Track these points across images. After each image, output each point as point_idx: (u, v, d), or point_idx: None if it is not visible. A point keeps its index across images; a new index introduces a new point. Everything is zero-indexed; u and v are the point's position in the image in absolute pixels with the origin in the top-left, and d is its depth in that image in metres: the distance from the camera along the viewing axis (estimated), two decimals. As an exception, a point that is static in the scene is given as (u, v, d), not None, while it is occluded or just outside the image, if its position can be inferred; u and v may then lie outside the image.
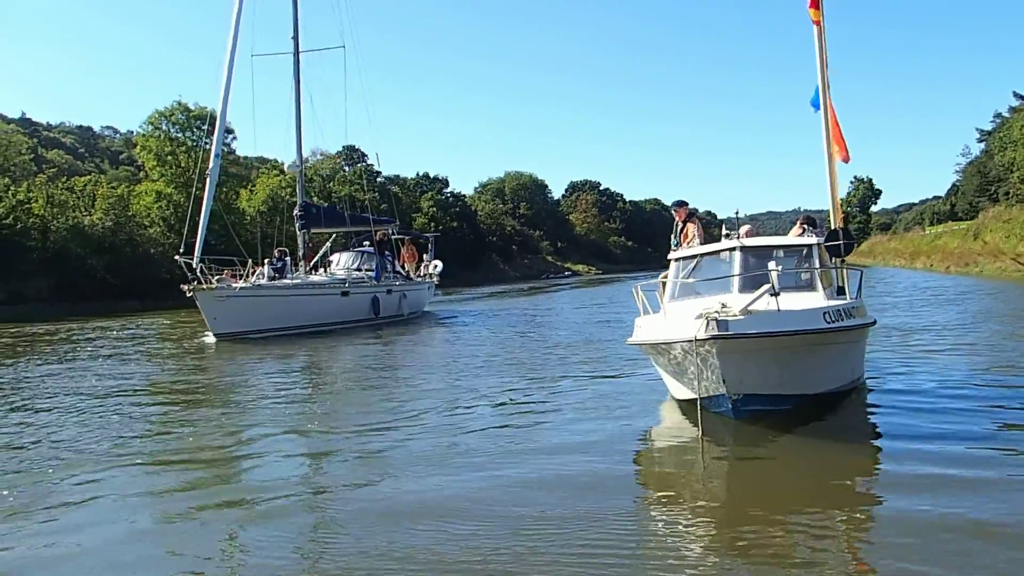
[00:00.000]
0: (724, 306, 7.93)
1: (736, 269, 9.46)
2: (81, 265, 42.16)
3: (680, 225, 11.51)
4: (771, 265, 8.27)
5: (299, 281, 25.15)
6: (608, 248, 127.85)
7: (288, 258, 26.85)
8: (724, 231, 10.45)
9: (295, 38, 28.04)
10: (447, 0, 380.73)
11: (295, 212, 28.99)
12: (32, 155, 69.26)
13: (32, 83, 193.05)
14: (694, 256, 10.21)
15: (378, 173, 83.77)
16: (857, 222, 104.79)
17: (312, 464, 8.32)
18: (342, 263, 29.06)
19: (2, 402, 12.26)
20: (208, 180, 23.35)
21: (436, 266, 33.37)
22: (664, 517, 6.23)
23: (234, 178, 60.88)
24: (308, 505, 6.73)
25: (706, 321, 7.69)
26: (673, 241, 11.40)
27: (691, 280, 9.93)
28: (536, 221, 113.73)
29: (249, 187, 63.65)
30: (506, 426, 9.36)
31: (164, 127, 55.75)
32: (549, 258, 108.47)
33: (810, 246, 9.92)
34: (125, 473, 7.81)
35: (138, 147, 58.90)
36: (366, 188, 75.83)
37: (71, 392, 12.99)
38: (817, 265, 9.65)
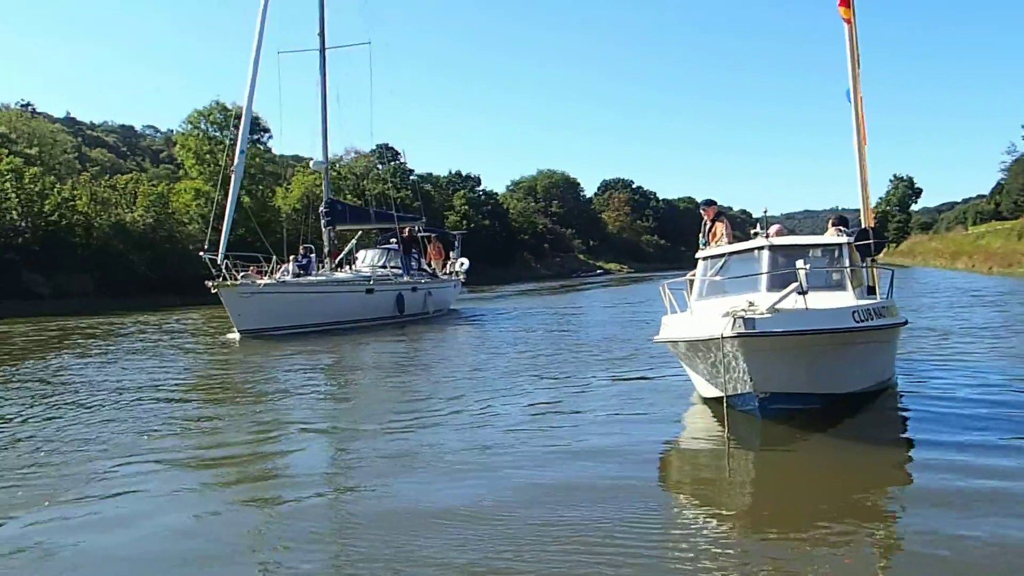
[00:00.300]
0: (751, 304, 7.95)
1: (764, 268, 9.45)
2: (123, 261, 43.11)
3: (708, 224, 11.55)
4: (799, 264, 8.28)
5: (324, 278, 25.16)
6: (640, 246, 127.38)
7: (313, 255, 26.94)
8: (754, 230, 10.46)
9: (321, 35, 28.16)
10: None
11: (321, 209, 29.22)
12: (76, 154, 70.81)
13: (77, 84, 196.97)
14: (722, 255, 10.23)
15: (411, 171, 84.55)
16: (896, 221, 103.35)
17: (338, 463, 8.32)
18: (368, 260, 29.06)
19: (29, 395, 12.52)
20: (233, 177, 23.46)
21: (462, 264, 33.25)
22: (688, 518, 6.24)
23: (270, 176, 61.71)
24: (333, 504, 6.75)
25: (733, 319, 7.72)
26: (701, 240, 11.45)
27: (719, 279, 9.95)
28: (568, 219, 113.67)
29: (284, 185, 64.39)
30: (532, 425, 9.37)
31: (203, 126, 56.83)
32: (581, 256, 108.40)
33: (840, 245, 9.88)
34: (142, 470, 7.78)
35: (177, 146, 60.05)
36: (399, 186, 76.88)
37: (89, 387, 13.08)
38: (847, 264, 9.64)
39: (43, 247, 40.01)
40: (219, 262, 21.67)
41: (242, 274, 22.32)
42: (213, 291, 21.30)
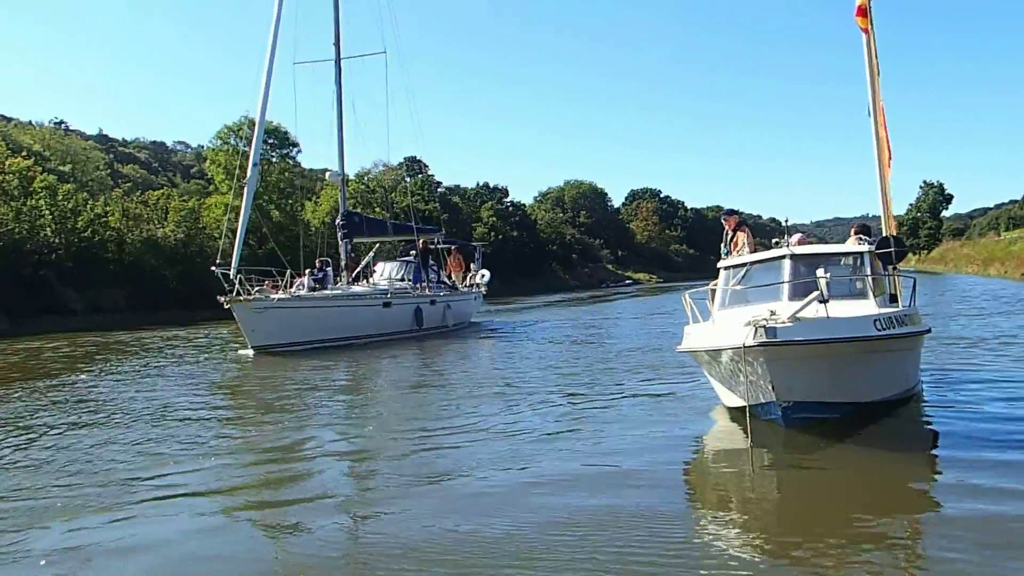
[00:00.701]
0: (773, 313, 7.92)
1: (786, 277, 9.43)
2: (155, 276, 43.73)
3: (731, 234, 11.59)
4: (820, 272, 8.25)
5: (340, 292, 24.78)
6: (669, 256, 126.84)
7: (329, 268, 26.40)
8: (775, 240, 10.44)
9: (336, 44, 28.00)
10: (505, 7, 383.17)
11: (337, 221, 28.75)
12: (108, 170, 72.18)
13: (109, 101, 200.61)
14: (744, 264, 10.24)
15: (439, 183, 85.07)
16: (927, 228, 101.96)
17: (358, 486, 8.14)
18: (386, 273, 28.62)
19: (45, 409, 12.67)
20: (246, 189, 23.07)
21: (483, 275, 32.62)
22: (710, 529, 6.21)
23: (299, 190, 62.38)
24: (353, 530, 6.62)
25: (754, 328, 7.70)
26: (723, 250, 11.50)
27: (740, 288, 9.93)
28: (596, 230, 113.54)
29: (314, 199, 65.07)
30: (554, 434, 9.40)
31: (232, 141, 57.52)
32: (609, 266, 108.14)
33: (861, 254, 9.86)
34: (159, 495, 7.64)
35: (208, 161, 60.92)
36: (427, 198, 77.40)
37: (100, 407, 12.95)
38: (868, 273, 9.56)
39: (76, 263, 40.70)
40: (232, 276, 21.24)
41: (257, 288, 21.93)
42: (226, 306, 20.86)
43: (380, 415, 12.04)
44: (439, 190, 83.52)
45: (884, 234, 9.98)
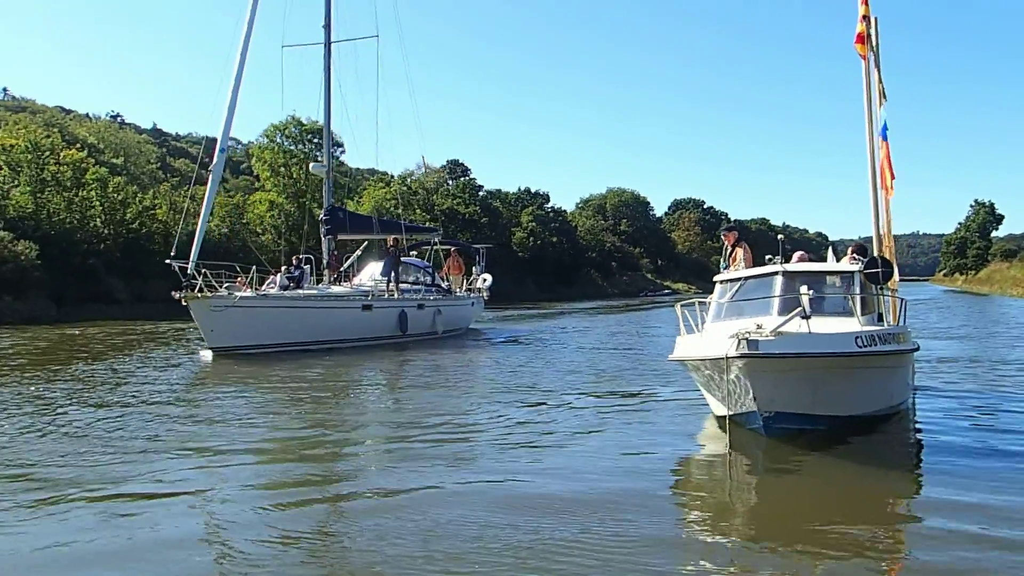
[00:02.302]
0: (759, 327, 8.22)
1: (777, 292, 9.72)
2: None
3: (729, 249, 11.92)
4: (803, 289, 8.58)
5: (315, 292, 23.02)
6: (710, 266, 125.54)
7: (307, 266, 24.47)
8: (768, 256, 10.70)
9: (326, 27, 26.48)
10: (556, 15, 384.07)
11: (320, 216, 27.12)
12: (159, 164, 74.15)
13: (164, 96, 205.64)
14: (738, 279, 10.56)
15: (480, 187, 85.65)
16: (976, 248, 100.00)
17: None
18: (371, 273, 26.47)
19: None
20: (211, 176, 21.54)
21: (485, 280, 30.87)
22: (684, 533, 6.40)
23: (342, 189, 63.49)
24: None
25: (737, 340, 8.03)
26: (722, 264, 11.82)
27: (732, 301, 10.25)
28: (637, 238, 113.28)
29: (356, 199, 66.10)
30: (532, 443, 9.47)
31: (278, 140, 58.86)
32: (648, 275, 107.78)
33: (852, 273, 10.13)
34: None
35: (254, 158, 62.30)
36: (467, 202, 78.12)
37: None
38: (857, 292, 9.77)
39: (123, 253, 42.04)
40: (189, 270, 19.58)
41: (226, 285, 20.39)
42: (185, 303, 19.18)
43: (325, 427, 10.64)
44: (480, 193, 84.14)
45: (874, 254, 10.21)
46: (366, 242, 29.97)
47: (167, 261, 20.50)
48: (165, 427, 10.45)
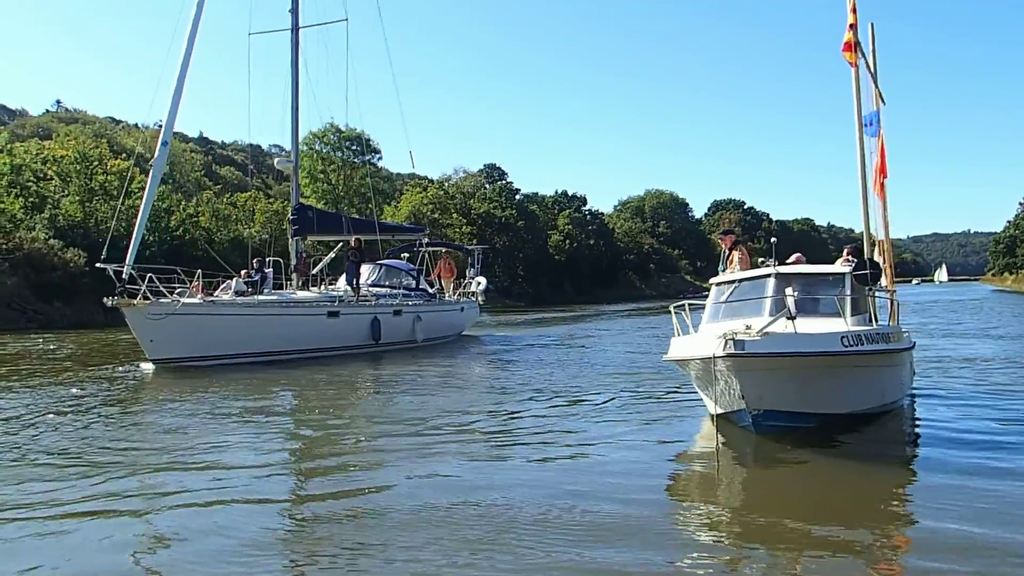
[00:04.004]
0: (748, 327, 8.54)
1: (769, 294, 9.98)
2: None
3: (726, 252, 12.19)
4: (788, 291, 8.88)
5: (273, 297, 21.11)
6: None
7: (270, 270, 22.75)
8: (761, 259, 11.02)
9: (293, 11, 24.53)
10: (594, 16, 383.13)
11: (289, 216, 25.27)
12: (204, 172, 76.07)
13: (211, 104, 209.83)
14: (733, 281, 10.86)
15: (517, 190, 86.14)
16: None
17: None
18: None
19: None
20: (152, 171, 19.76)
21: (479, 283, 29.16)
22: (670, 530, 6.44)
23: (380, 193, 64.58)
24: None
25: (725, 340, 8.35)
26: (720, 267, 12.13)
27: (726, 303, 10.57)
28: (676, 240, 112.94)
29: (393, 204, 67.13)
30: (529, 443, 9.62)
31: (317, 147, 60.15)
32: (687, 277, 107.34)
33: (842, 274, 10.37)
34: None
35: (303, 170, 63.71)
36: (504, 205, 78.66)
37: None
38: (847, 293, 10.02)
39: (168, 260, 43.35)
40: (124, 274, 17.84)
41: (179, 290, 18.83)
42: (122, 310, 17.48)
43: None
44: (517, 197, 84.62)
45: (867, 255, 10.50)
46: (340, 244, 27.78)
47: (98, 264, 18.69)
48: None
